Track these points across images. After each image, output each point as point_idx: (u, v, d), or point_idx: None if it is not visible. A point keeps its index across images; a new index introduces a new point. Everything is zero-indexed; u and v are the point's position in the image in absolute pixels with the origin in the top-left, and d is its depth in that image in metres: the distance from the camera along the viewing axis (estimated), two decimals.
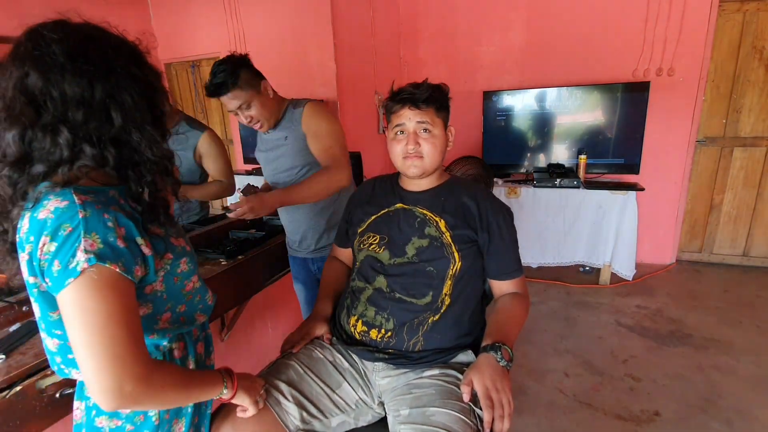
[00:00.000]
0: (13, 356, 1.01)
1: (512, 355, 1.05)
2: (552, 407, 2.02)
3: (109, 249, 0.67)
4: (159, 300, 0.80)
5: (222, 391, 0.88)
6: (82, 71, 0.68)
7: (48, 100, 0.67)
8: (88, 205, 0.67)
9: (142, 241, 0.73)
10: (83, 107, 0.68)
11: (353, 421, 1.14)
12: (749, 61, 3.10)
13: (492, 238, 1.19)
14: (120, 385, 0.66)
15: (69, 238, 0.65)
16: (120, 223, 0.70)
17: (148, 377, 0.69)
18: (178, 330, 0.85)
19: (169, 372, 0.76)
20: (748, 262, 3.44)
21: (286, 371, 1.11)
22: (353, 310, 1.22)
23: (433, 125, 1.18)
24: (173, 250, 0.82)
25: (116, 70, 0.71)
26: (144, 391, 0.69)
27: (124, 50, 0.75)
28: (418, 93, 1.16)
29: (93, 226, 0.66)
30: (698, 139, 3.33)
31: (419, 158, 1.18)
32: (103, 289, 0.66)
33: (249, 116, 1.52)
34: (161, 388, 0.73)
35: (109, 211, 0.69)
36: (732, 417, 1.90)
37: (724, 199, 3.39)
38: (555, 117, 3.36)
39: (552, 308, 2.96)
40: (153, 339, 0.82)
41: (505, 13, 3.53)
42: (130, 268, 0.69)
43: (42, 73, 0.66)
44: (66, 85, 0.67)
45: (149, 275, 0.76)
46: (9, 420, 0.92)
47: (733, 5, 3.05)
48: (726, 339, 2.50)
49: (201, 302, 0.90)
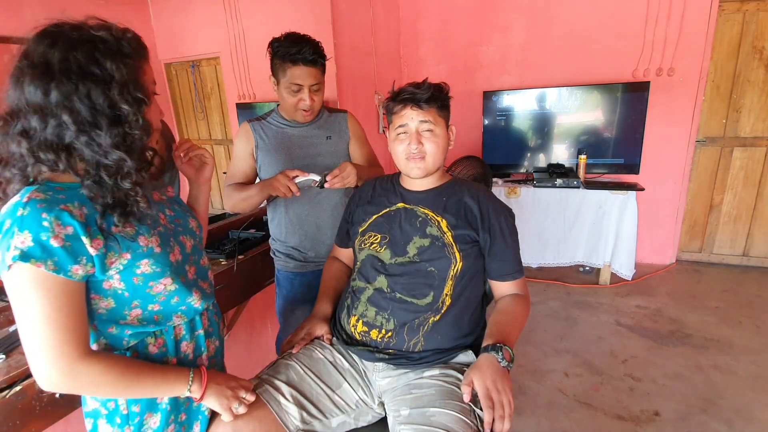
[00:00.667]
0: (13, 356, 1.02)
1: (513, 356, 1.05)
2: (552, 407, 2.02)
3: (39, 248, 0.70)
4: (120, 297, 0.83)
5: (184, 391, 0.87)
6: (39, 77, 0.71)
7: (20, 109, 0.73)
8: (31, 203, 0.71)
9: (87, 241, 0.74)
10: (39, 113, 0.72)
11: (353, 421, 1.14)
12: (749, 61, 3.10)
13: (493, 240, 1.19)
14: (47, 374, 0.73)
15: (7, 233, 0.70)
16: (64, 223, 0.72)
17: (71, 371, 0.74)
18: (154, 327, 0.88)
19: (107, 365, 0.78)
20: (748, 262, 3.44)
21: (286, 371, 1.11)
22: (354, 310, 1.22)
23: (436, 124, 1.18)
24: (134, 250, 0.82)
25: (73, 72, 0.72)
26: (70, 382, 0.75)
27: (91, 47, 0.73)
28: (419, 93, 1.16)
29: (27, 224, 0.70)
30: (698, 139, 3.33)
31: (422, 159, 1.19)
32: (28, 284, 0.71)
33: (312, 98, 1.47)
34: (94, 381, 0.77)
35: (53, 210, 0.71)
36: (732, 417, 1.91)
37: (724, 199, 3.39)
38: (555, 117, 3.37)
39: (552, 308, 2.96)
40: (113, 332, 0.85)
41: (505, 13, 3.53)
42: (63, 267, 0.72)
43: (13, 84, 0.72)
44: (26, 92, 0.71)
45: (96, 273, 0.78)
46: (8, 420, 0.93)
47: (733, 5, 3.05)
48: (726, 339, 2.50)
49: (182, 304, 0.91)
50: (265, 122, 1.58)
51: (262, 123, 1.57)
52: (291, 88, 1.44)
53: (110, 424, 0.87)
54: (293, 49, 1.39)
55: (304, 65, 1.41)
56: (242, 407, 0.96)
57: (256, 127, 1.56)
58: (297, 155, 1.55)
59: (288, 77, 1.43)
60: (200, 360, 0.98)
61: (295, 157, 1.55)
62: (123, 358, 0.83)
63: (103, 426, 0.87)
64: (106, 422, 0.87)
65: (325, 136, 1.59)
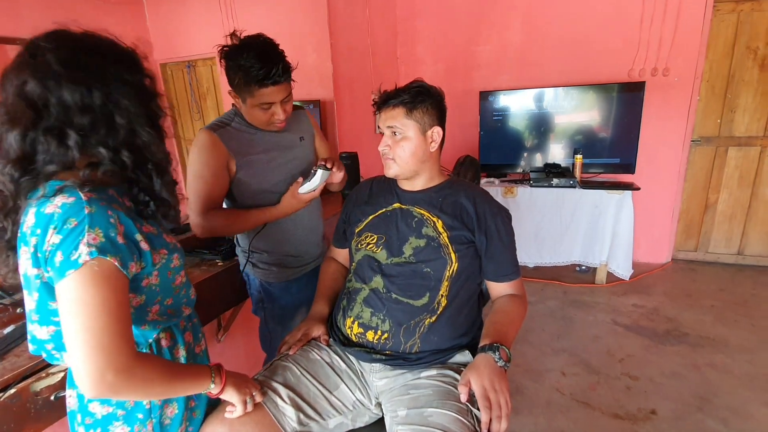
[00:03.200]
0: (8, 358, 1.01)
1: (510, 356, 1.05)
2: (549, 406, 2.02)
3: (110, 244, 0.71)
4: (152, 292, 0.84)
5: (209, 386, 0.89)
6: (78, 79, 0.72)
7: (49, 106, 0.71)
8: (93, 201, 0.71)
9: (140, 237, 0.78)
10: (88, 113, 0.73)
11: (350, 422, 1.14)
12: (744, 61, 3.12)
13: (490, 241, 1.19)
14: (102, 374, 0.69)
15: (73, 232, 0.69)
16: (121, 221, 0.74)
17: (129, 369, 0.72)
18: (166, 323, 0.89)
19: (153, 365, 0.78)
20: (743, 260, 3.45)
21: (283, 373, 1.11)
22: (349, 311, 1.22)
23: (403, 127, 1.19)
24: (167, 246, 0.86)
25: (109, 76, 0.75)
26: (124, 382, 0.72)
27: (116, 57, 0.78)
28: (387, 95, 1.19)
29: (97, 221, 0.70)
30: (693, 138, 3.35)
31: (392, 160, 1.21)
32: (100, 281, 0.70)
33: (285, 110, 1.36)
34: (143, 381, 0.75)
35: (112, 208, 0.74)
36: (727, 415, 1.92)
37: (719, 198, 3.41)
38: (551, 117, 3.37)
39: (549, 308, 2.97)
40: (144, 330, 0.85)
41: (502, 13, 3.54)
42: (126, 264, 0.73)
43: (39, 80, 0.70)
44: (64, 92, 0.71)
45: (146, 268, 0.79)
46: (3, 423, 0.92)
47: (727, 5, 3.06)
48: (721, 337, 2.51)
49: (185, 296, 0.94)
50: (231, 129, 1.38)
51: (228, 131, 1.38)
52: (261, 106, 1.33)
53: (127, 425, 0.85)
54: (261, 72, 1.25)
55: (274, 86, 1.29)
56: (252, 403, 0.99)
57: (224, 137, 1.35)
58: (278, 162, 1.45)
59: (257, 98, 1.30)
60: (199, 347, 1.00)
61: (276, 165, 1.45)
62: (159, 358, 0.85)
63: (118, 429, 0.85)
64: (122, 424, 0.85)
65: (299, 137, 1.52)
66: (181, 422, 0.92)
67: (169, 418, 0.90)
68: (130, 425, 0.85)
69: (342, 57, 2.85)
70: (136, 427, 0.86)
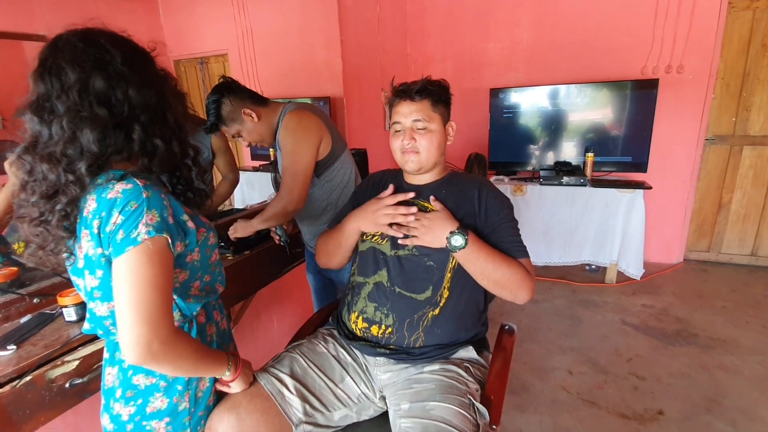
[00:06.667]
0: (24, 347, 1.04)
1: (467, 241, 1.10)
2: (555, 405, 2.02)
3: (164, 223, 0.80)
4: (194, 268, 0.92)
5: (225, 373, 0.97)
6: (145, 81, 0.82)
7: (117, 104, 0.79)
8: (148, 187, 0.80)
9: (186, 217, 0.87)
10: (149, 111, 0.83)
11: (355, 415, 1.16)
12: (759, 58, 3.06)
13: (492, 228, 1.18)
14: (149, 342, 0.76)
15: (134, 213, 0.77)
16: (171, 203, 0.84)
17: (171, 341, 0.79)
18: (206, 298, 0.96)
19: (188, 342, 0.86)
20: (756, 262, 3.40)
21: (290, 364, 1.13)
22: (353, 306, 1.23)
23: (429, 120, 1.19)
24: (204, 225, 0.94)
25: (157, 77, 0.86)
26: (166, 353, 0.79)
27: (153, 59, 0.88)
28: (412, 86, 1.19)
29: (153, 203, 0.79)
30: (707, 137, 3.30)
31: (416, 153, 1.20)
32: (154, 257, 0.78)
33: (244, 142, 1.63)
34: (179, 355, 0.82)
35: (164, 192, 0.83)
36: (736, 417, 1.90)
37: (733, 198, 3.36)
38: (562, 114, 3.35)
39: (557, 306, 2.96)
40: (189, 303, 0.92)
41: (512, 10, 3.51)
42: (174, 243, 0.82)
43: (106, 77, 0.78)
44: (131, 90, 0.80)
45: (190, 245, 0.88)
46: (19, 409, 0.95)
47: (742, 2, 3.01)
48: (732, 339, 2.48)
49: (219, 273, 1.02)
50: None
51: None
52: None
53: (167, 396, 0.92)
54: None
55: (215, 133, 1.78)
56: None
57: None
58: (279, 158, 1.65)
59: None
60: (223, 323, 1.06)
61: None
62: (191, 337, 0.91)
63: (158, 401, 0.91)
64: (162, 395, 0.91)
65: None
66: (209, 396, 0.99)
67: (202, 391, 0.97)
68: (170, 396, 0.92)
69: (352, 54, 2.86)
70: (175, 398, 0.92)
